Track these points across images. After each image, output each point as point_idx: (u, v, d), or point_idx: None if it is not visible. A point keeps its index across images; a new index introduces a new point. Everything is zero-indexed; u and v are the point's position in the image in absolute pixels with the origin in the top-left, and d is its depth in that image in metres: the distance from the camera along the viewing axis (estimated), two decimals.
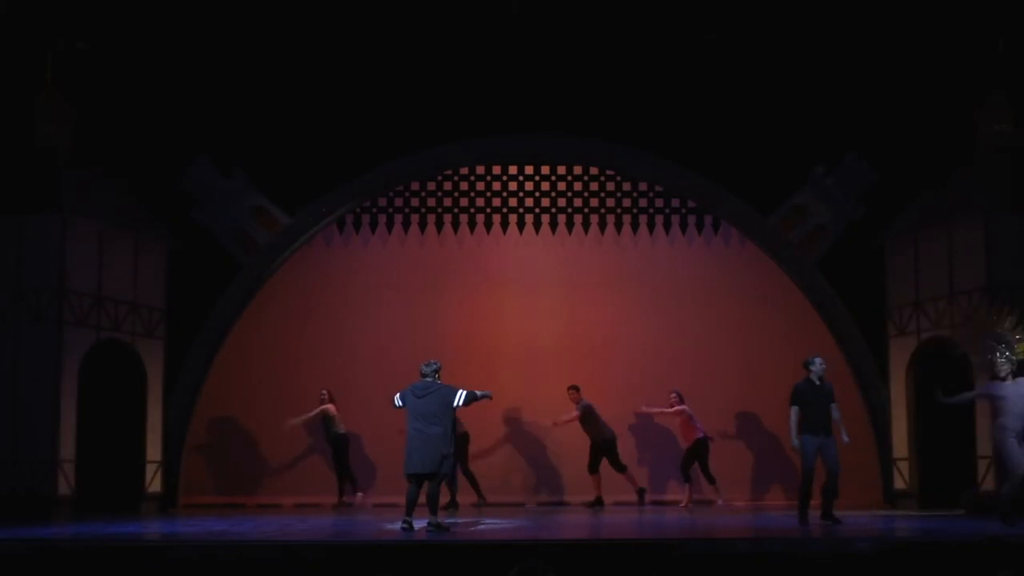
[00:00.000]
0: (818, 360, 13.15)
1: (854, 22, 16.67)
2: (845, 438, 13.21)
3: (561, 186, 18.07)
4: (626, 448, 17.21)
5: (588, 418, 16.63)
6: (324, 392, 16.90)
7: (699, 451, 16.64)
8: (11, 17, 15.71)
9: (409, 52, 16.95)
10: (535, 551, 10.31)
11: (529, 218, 18.07)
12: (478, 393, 12.42)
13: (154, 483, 16.20)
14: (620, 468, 16.68)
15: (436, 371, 12.46)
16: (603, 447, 16.61)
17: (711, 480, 16.74)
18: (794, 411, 12.95)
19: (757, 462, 17.54)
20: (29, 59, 15.53)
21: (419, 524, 12.14)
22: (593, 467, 16.65)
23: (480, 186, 18.07)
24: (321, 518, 14.67)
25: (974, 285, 15.06)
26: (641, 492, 16.77)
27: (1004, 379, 12.59)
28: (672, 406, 16.78)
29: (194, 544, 11.23)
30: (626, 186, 18.02)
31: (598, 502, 16.52)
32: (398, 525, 12.15)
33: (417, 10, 16.77)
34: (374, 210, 17.92)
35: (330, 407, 16.81)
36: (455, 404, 12.25)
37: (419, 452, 12.16)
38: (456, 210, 18.01)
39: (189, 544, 11.29)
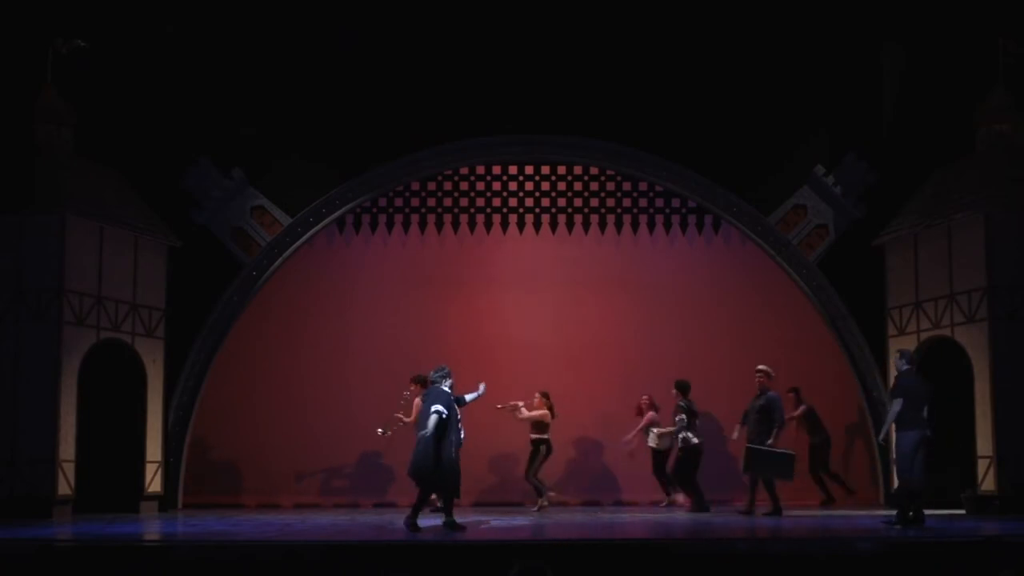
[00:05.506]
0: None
1: (854, 22, 16.70)
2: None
3: (561, 186, 18.07)
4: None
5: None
6: (645, 397, 16.71)
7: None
8: (11, 17, 15.72)
9: (409, 52, 16.96)
10: (535, 551, 10.31)
11: (529, 218, 18.07)
12: (467, 399, 12.69)
13: (154, 483, 16.19)
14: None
15: (441, 376, 12.61)
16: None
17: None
18: (899, 403, 12.77)
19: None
20: (29, 59, 15.53)
21: (425, 523, 12.19)
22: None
23: (480, 186, 18.07)
24: (321, 518, 14.67)
25: (974, 285, 15.07)
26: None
27: None
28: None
29: (194, 544, 11.24)
30: (626, 186, 18.02)
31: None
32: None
33: (417, 10, 16.79)
34: (374, 210, 17.93)
35: (652, 415, 16.58)
36: (436, 409, 12.29)
37: (413, 456, 12.42)
38: (456, 210, 18.02)
39: (189, 544, 11.29)
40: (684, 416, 15.66)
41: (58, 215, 14.82)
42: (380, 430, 15.68)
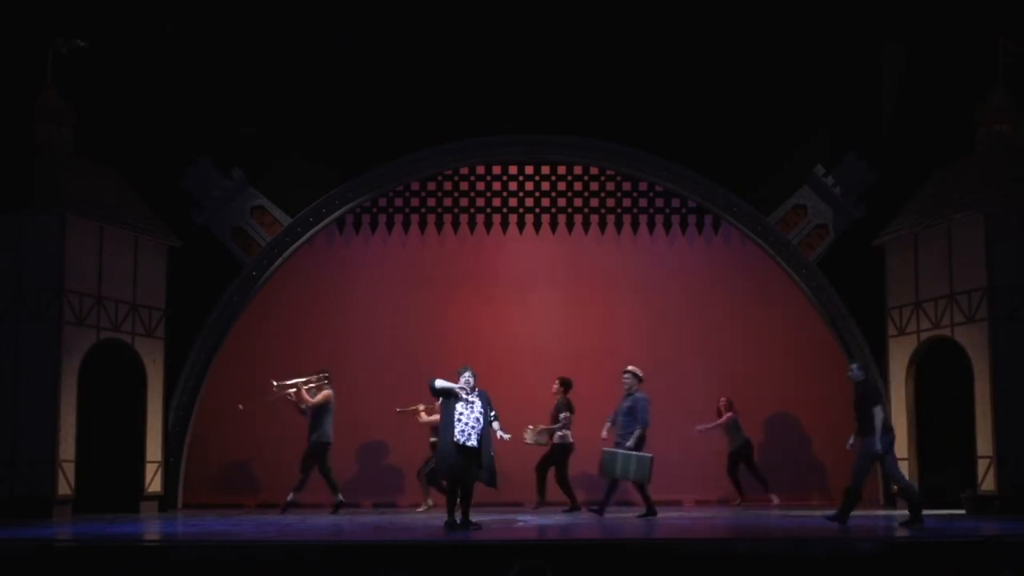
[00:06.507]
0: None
1: (854, 22, 16.70)
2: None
3: (561, 186, 18.08)
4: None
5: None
6: (723, 399, 17.12)
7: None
8: (11, 17, 15.72)
9: (409, 52, 16.97)
10: (535, 551, 10.32)
11: (529, 218, 18.07)
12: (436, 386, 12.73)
13: (154, 483, 16.19)
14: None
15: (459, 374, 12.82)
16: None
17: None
18: (880, 410, 12.91)
19: (760, 462, 17.50)
20: (29, 59, 15.53)
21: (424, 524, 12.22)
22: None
23: (480, 186, 18.07)
24: (321, 518, 14.67)
25: (974, 285, 15.07)
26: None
27: None
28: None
29: (194, 544, 11.23)
30: (626, 186, 18.02)
31: None
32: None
33: (417, 10, 16.79)
34: (374, 210, 17.93)
35: (731, 415, 17.02)
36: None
37: None
38: (456, 210, 18.02)
39: (189, 544, 11.29)
40: (569, 413, 15.70)
41: (58, 215, 14.83)
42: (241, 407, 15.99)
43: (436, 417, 15.75)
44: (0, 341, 14.74)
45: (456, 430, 12.45)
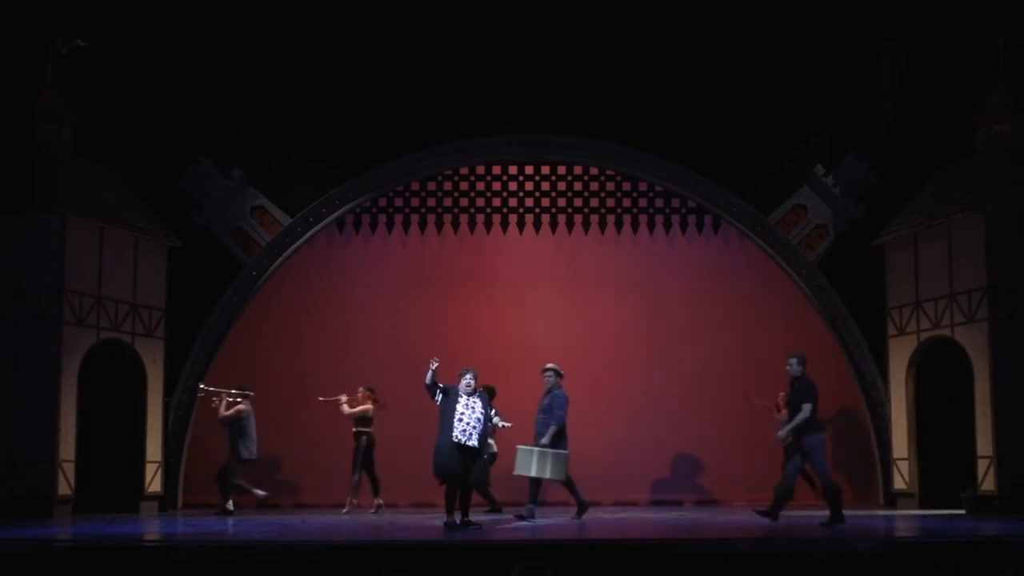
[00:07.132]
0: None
1: (854, 22, 16.71)
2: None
3: (561, 186, 18.08)
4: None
5: None
6: (782, 394, 16.60)
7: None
8: (11, 17, 15.73)
9: (409, 52, 16.98)
10: (535, 551, 10.31)
11: (529, 218, 18.08)
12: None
13: (154, 483, 16.20)
14: None
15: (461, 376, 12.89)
16: None
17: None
18: (808, 408, 12.86)
19: (759, 461, 17.50)
20: (29, 59, 15.53)
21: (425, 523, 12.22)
22: None
23: (480, 186, 18.08)
24: (321, 518, 14.67)
25: (974, 285, 15.07)
26: None
27: None
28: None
29: (194, 544, 11.23)
30: (626, 186, 18.03)
31: None
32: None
33: (417, 10, 16.80)
34: (374, 210, 17.94)
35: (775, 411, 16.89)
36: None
37: None
38: (456, 210, 18.03)
39: (189, 544, 11.29)
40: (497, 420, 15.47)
41: (58, 215, 14.83)
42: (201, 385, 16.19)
43: (360, 408, 15.74)
44: (0, 341, 14.74)
45: (457, 430, 12.46)
